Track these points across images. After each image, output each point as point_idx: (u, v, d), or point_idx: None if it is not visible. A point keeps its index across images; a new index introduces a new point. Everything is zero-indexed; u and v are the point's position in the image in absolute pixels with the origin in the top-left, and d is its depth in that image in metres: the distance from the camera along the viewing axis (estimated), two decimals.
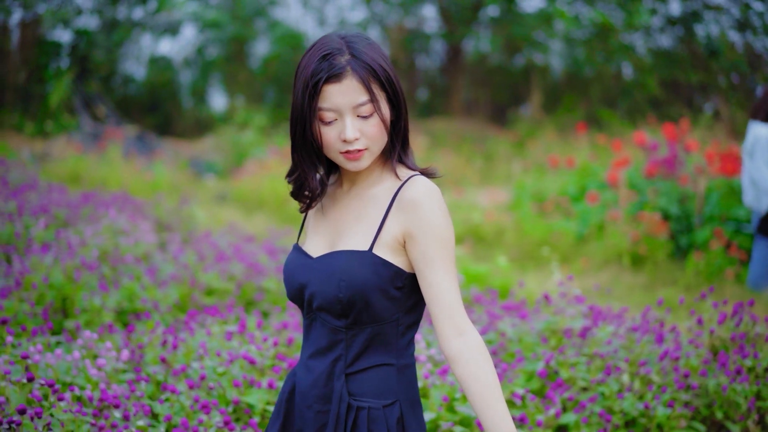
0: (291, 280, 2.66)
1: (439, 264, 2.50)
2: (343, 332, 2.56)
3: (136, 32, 23.61)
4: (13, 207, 8.77)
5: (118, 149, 16.05)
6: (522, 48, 24.01)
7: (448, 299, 2.50)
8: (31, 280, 6.43)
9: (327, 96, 2.51)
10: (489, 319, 5.34)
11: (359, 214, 2.63)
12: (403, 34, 24.68)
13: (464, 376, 2.47)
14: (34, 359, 4.06)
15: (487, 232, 11.76)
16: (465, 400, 4.26)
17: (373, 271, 2.52)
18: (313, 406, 2.62)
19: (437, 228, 2.51)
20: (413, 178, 2.58)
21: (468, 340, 2.48)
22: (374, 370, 2.58)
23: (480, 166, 17.99)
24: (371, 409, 2.55)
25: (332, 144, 2.55)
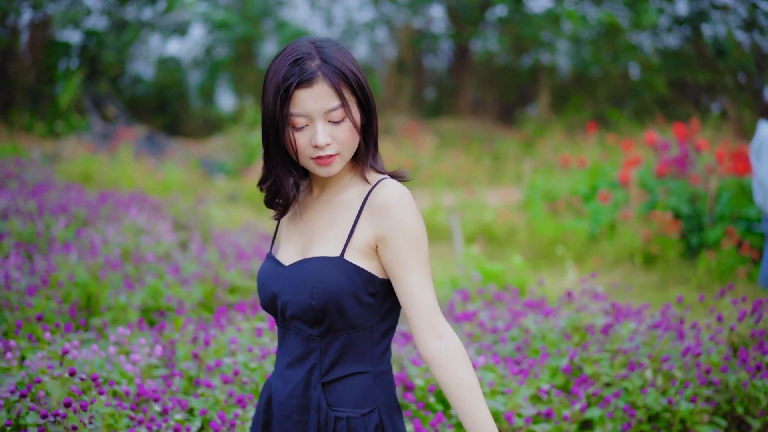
0: (264, 290, 2.64)
1: (412, 267, 2.48)
2: (317, 340, 2.54)
3: (145, 33, 23.73)
4: (33, 206, 8.87)
5: (130, 149, 16.15)
6: (529, 48, 24.09)
7: (424, 302, 2.48)
8: (57, 278, 6.53)
9: (298, 101, 2.49)
10: (511, 317, 5.43)
11: (330, 219, 2.60)
12: (410, 35, 24.77)
13: (444, 379, 2.46)
14: (72, 355, 4.15)
15: (499, 231, 11.86)
16: (493, 395, 4.35)
17: (346, 277, 2.49)
18: (291, 416, 2.60)
19: (409, 230, 2.48)
20: (383, 182, 2.55)
21: (446, 342, 2.46)
22: (350, 379, 2.55)
23: (488, 165, 18.08)
24: (350, 419, 2.54)
25: (304, 149, 2.52)
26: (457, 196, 14.35)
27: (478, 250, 8.84)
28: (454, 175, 16.74)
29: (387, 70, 25.58)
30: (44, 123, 20.52)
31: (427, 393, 4.31)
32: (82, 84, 21.29)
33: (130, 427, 3.74)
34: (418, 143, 19.10)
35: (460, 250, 9.47)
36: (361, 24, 25.19)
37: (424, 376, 4.41)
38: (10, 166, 12.54)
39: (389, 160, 17.57)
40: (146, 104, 24.23)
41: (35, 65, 22.12)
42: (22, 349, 4.66)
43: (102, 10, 22.93)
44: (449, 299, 6.91)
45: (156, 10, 23.29)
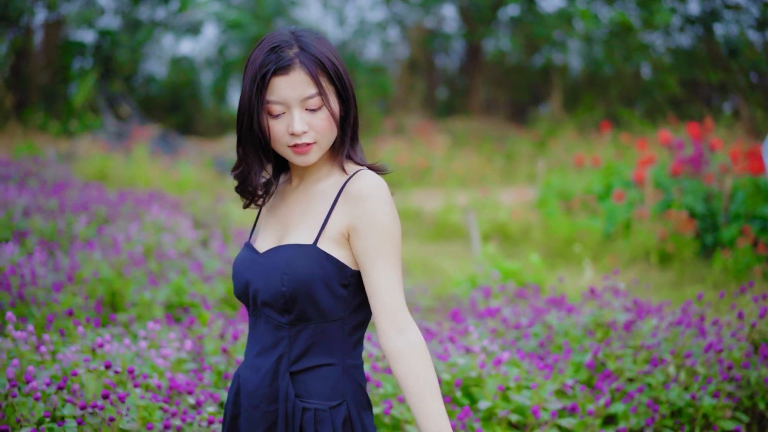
0: (238, 277, 2.64)
1: (381, 259, 2.47)
2: (286, 329, 2.53)
3: (158, 32, 23.82)
4: (54, 204, 8.96)
5: (145, 148, 16.23)
6: (541, 47, 24.13)
7: (390, 295, 2.47)
8: (82, 275, 6.61)
9: (275, 89, 2.49)
10: (534, 313, 5.49)
11: (305, 208, 2.61)
12: (422, 34, 24.83)
13: (403, 374, 2.44)
14: (105, 349, 4.22)
15: (513, 230, 11.91)
16: (519, 389, 4.41)
17: (318, 265, 2.49)
18: (259, 406, 2.59)
19: (382, 222, 2.48)
20: (360, 172, 2.55)
21: (408, 337, 2.45)
22: (319, 370, 2.54)
23: (501, 165, 18.13)
24: (317, 411, 2.53)
25: (280, 137, 2.53)
26: (470, 195, 14.41)
27: (494, 249, 8.89)
28: (466, 174, 16.80)
29: (399, 70, 25.64)
30: (58, 122, 20.63)
31: (454, 387, 4.37)
32: (96, 83, 21.39)
33: (165, 419, 3.81)
34: (431, 143, 19.15)
35: (477, 249, 9.53)
36: (373, 23, 25.24)
37: (450, 370, 4.47)
38: (29, 164, 12.65)
39: (402, 159, 17.64)
40: (159, 103, 24.33)
41: (49, 65, 22.23)
42: (54, 343, 4.72)
43: (115, 10, 23.03)
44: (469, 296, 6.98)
45: (169, 10, 23.38)
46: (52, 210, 8.85)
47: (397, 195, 10.76)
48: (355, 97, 2.60)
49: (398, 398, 4.15)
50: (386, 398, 4.23)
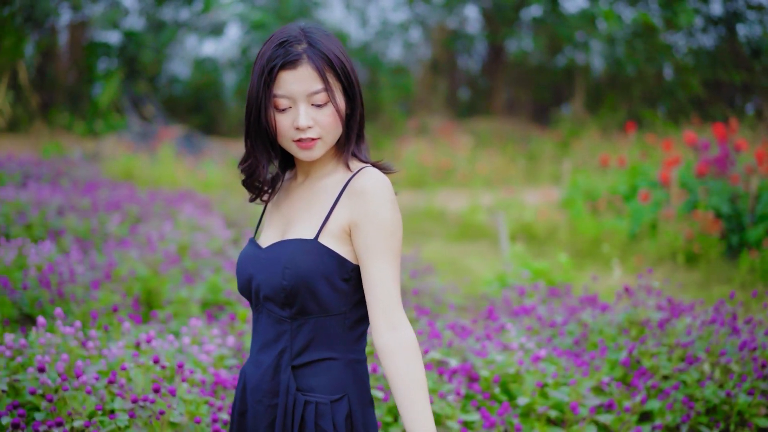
0: (241, 272, 2.65)
1: (379, 255, 2.49)
2: (288, 322, 2.55)
3: (182, 33, 23.96)
4: (87, 204, 9.07)
5: (172, 148, 16.35)
6: (563, 48, 24.14)
7: (384, 292, 2.48)
8: (119, 273, 6.71)
9: (282, 83, 2.50)
10: (568, 312, 5.54)
11: (309, 204, 2.62)
12: (445, 35, 24.87)
13: (391, 371, 2.45)
14: (153, 345, 4.31)
15: (539, 230, 11.96)
16: (556, 386, 4.47)
17: (319, 260, 2.50)
18: (262, 400, 2.61)
19: (382, 219, 2.49)
20: (364, 169, 2.56)
21: (400, 335, 2.46)
22: (320, 364, 2.56)
23: (524, 165, 18.16)
24: (319, 404, 2.54)
25: (286, 132, 2.54)
26: (494, 195, 14.46)
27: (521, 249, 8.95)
28: (490, 174, 16.85)
29: (421, 70, 25.69)
30: (83, 122, 20.80)
31: (492, 384, 4.44)
32: (121, 84, 21.55)
33: (212, 413, 3.89)
34: (454, 143, 19.20)
35: (506, 248, 9.58)
36: (396, 24, 25.30)
37: (489, 367, 4.54)
38: (60, 164, 12.77)
39: (426, 159, 17.70)
40: (183, 104, 24.46)
41: (74, 66, 22.41)
42: (98, 339, 4.81)
43: (140, 11, 23.20)
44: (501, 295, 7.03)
45: (193, 11, 23.52)
46: (84, 209, 8.96)
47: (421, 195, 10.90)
48: (362, 95, 2.61)
49: (439, 394, 4.22)
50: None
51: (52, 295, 6.23)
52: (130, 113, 21.40)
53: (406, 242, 11.82)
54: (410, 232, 12.89)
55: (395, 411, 4.33)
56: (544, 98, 25.08)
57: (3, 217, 8.35)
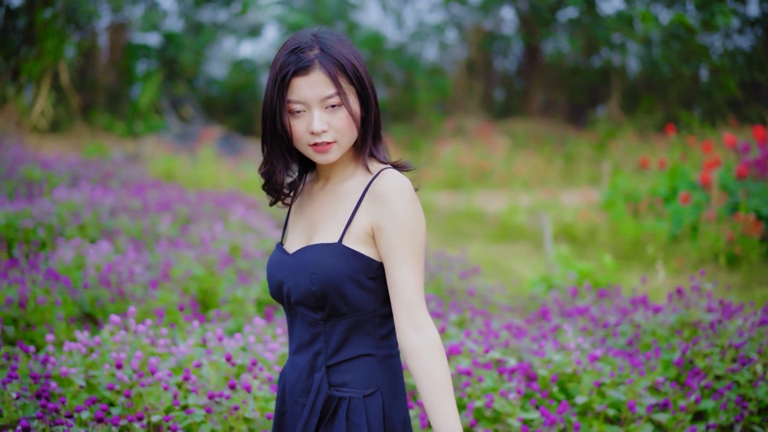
0: (271, 278, 2.70)
1: (403, 257, 2.52)
2: (321, 324, 2.60)
3: (220, 34, 24.18)
4: (138, 204, 9.25)
5: (213, 149, 16.54)
6: (600, 49, 24.14)
7: (408, 293, 2.52)
8: (175, 273, 6.88)
9: (295, 89, 2.55)
10: (620, 313, 5.64)
11: (332, 208, 2.65)
12: (481, 36, 24.94)
13: (418, 372, 2.49)
14: (223, 343, 4.45)
15: (580, 231, 12.03)
16: (613, 385, 4.57)
17: (344, 262, 2.55)
18: (298, 400, 2.66)
19: (404, 221, 2.52)
20: (384, 171, 2.60)
21: (425, 336, 2.50)
22: (355, 361, 2.60)
23: (561, 167, 18.21)
24: (352, 399, 2.58)
25: (301, 136, 2.58)
26: (532, 196, 14.54)
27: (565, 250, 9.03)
28: (527, 176, 16.92)
29: (457, 71, 25.77)
30: (123, 123, 21.06)
31: (550, 383, 4.55)
32: (161, 85, 21.79)
33: None
34: (491, 144, 19.28)
35: (550, 250, 9.67)
36: (432, 26, 25.40)
37: (546, 366, 4.65)
38: (107, 165, 12.99)
39: (464, 160, 17.79)
40: (220, 105, 24.67)
41: (114, 67, 22.69)
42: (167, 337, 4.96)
43: (179, 13, 23.44)
44: (549, 296, 7.13)
45: (231, 13, 23.73)
46: (135, 210, 9.14)
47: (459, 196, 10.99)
48: (376, 97, 2.65)
49: (500, 392, 4.34)
50: (487, 392, 4.42)
51: (113, 294, 6.39)
52: (169, 114, 21.66)
53: (447, 243, 11.93)
54: (450, 232, 13.00)
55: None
56: (579, 99, 25.09)
57: (57, 217, 8.53)
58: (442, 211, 14.40)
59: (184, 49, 23.04)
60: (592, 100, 24.88)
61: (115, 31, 22.84)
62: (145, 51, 23.26)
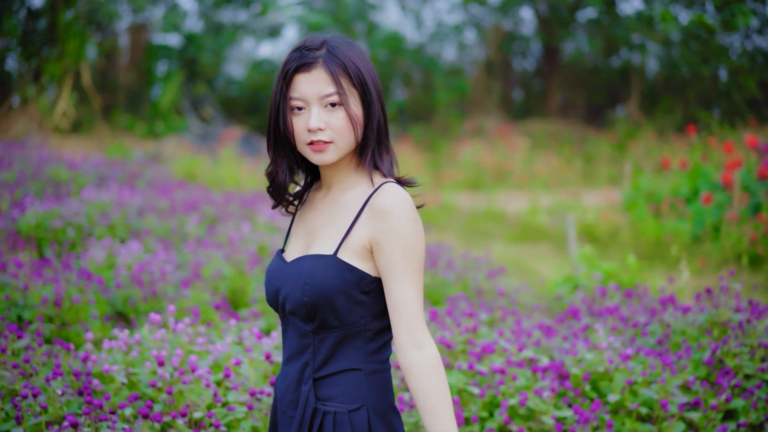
0: (269, 285, 2.68)
1: (402, 274, 2.50)
2: (310, 336, 2.57)
3: (239, 35, 24.29)
4: (165, 205, 9.34)
5: (234, 150, 16.64)
6: (618, 49, 24.15)
7: (408, 310, 2.50)
8: (205, 273, 6.96)
9: (296, 85, 2.55)
10: (649, 312, 5.69)
11: (331, 218, 2.63)
12: (500, 36, 24.98)
13: (417, 389, 2.48)
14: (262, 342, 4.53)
15: (601, 232, 12.07)
16: (645, 384, 4.63)
17: (337, 275, 2.52)
18: (287, 411, 2.65)
19: (404, 237, 2.50)
20: (385, 185, 2.57)
21: (424, 353, 2.48)
22: (342, 375, 2.58)
23: (581, 167, 18.25)
24: (337, 414, 2.56)
25: (300, 134, 2.57)
26: (553, 197, 14.59)
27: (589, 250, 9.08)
28: (547, 176, 16.96)
29: (475, 72, 25.82)
30: (144, 123, 21.19)
31: (582, 381, 4.61)
32: (181, 86, 21.92)
33: None
34: (511, 145, 19.33)
35: (574, 250, 9.72)
36: (451, 26, 25.45)
37: (578, 365, 4.71)
38: (131, 165, 13.10)
39: (484, 160, 17.85)
40: (239, 105, 24.77)
41: (134, 68, 22.84)
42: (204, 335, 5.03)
43: (199, 14, 23.57)
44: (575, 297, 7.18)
45: (251, 13, 23.84)
46: (163, 210, 9.23)
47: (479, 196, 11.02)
48: (383, 106, 2.63)
49: (534, 390, 4.40)
50: (521, 390, 4.48)
51: (145, 293, 6.48)
52: (190, 115, 21.78)
53: (469, 243, 11.99)
54: (471, 233, 13.06)
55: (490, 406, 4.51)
56: (598, 100, 25.10)
57: (86, 217, 8.63)
58: (463, 212, 14.46)
59: (205, 49, 23.16)
60: (610, 100, 24.89)
61: (136, 32, 22.99)
62: (166, 52, 23.41)
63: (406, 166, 16.18)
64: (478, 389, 4.46)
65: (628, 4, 22.95)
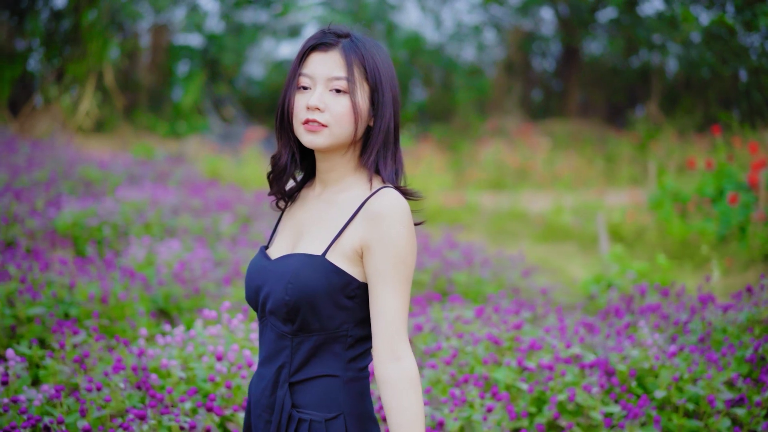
0: (249, 283, 2.62)
1: (389, 282, 2.43)
2: (289, 338, 2.50)
3: (260, 35, 24.41)
4: (199, 204, 9.44)
5: (257, 150, 16.74)
6: (638, 50, 24.17)
7: (390, 320, 2.43)
8: (245, 270, 7.05)
9: (309, 62, 2.52)
10: (690, 310, 5.76)
11: (322, 218, 2.57)
12: (520, 37, 25.04)
13: (390, 403, 2.41)
14: None
15: (627, 231, 12.12)
16: (689, 381, 4.70)
17: (323, 277, 2.45)
18: (262, 415, 2.58)
19: (396, 245, 2.43)
20: (383, 190, 2.50)
21: (402, 367, 2.42)
22: (318, 381, 2.51)
23: (602, 167, 18.28)
24: (312, 422, 2.49)
25: (298, 111, 2.52)
26: (575, 197, 14.64)
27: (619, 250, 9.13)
28: (569, 176, 17.01)
29: (495, 72, 25.88)
30: (166, 123, 21.33)
31: (628, 377, 4.68)
32: (203, 86, 22.06)
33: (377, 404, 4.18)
34: (533, 145, 19.38)
35: (605, 249, 9.79)
36: (470, 26, 25.52)
37: (624, 362, 4.78)
38: (162, 165, 13.21)
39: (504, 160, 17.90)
40: (259, 105, 24.88)
41: (156, 68, 22.99)
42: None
43: (220, 14, 23.70)
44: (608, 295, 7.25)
45: (271, 13, 23.96)
46: (196, 209, 9.33)
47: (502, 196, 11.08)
48: (396, 115, 2.58)
49: (583, 386, 4.47)
50: (569, 386, 4.55)
51: (187, 290, 6.58)
52: (211, 114, 21.90)
53: (494, 243, 12.06)
54: (496, 233, 13.12)
55: (538, 402, 4.59)
56: (617, 100, 25.13)
57: (122, 216, 8.74)
58: (487, 211, 14.51)
59: (226, 49, 23.29)
60: (630, 100, 24.91)
61: (157, 33, 23.14)
62: (187, 52, 23.54)
63: (428, 166, 16.27)
64: (526, 385, 4.54)
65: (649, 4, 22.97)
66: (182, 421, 3.86)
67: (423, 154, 17.87)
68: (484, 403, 4.29)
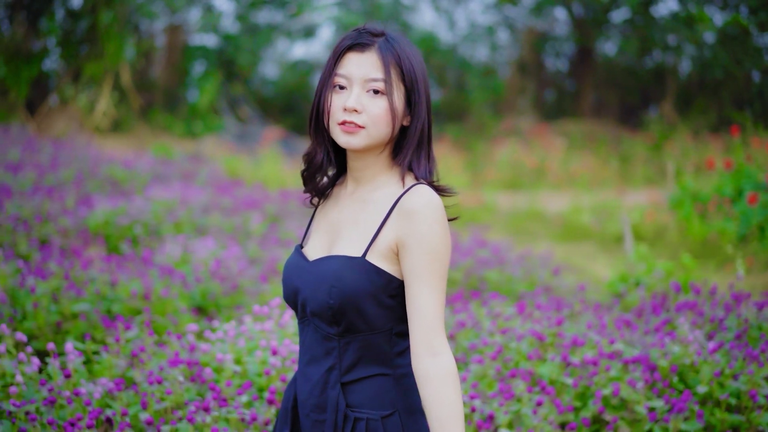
0: (287, 283, 2.62)
1: (425, 279, 2.44)
2: (335, 340, 2.51)
3: (274, 35, 24.51)
4: (228, 203, 9.55)
5: (275, 150, 16.84)
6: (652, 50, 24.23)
7: (427, 316, 2.44)
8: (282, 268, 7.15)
9: (345, 62, 2.52)
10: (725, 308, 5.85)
11: (358, 217, 2.57)
12: (533, 37, 25.11)
13: (429, 399, 2.41)
14: None
15: (647, 231, 12.19)
16: (728, 377, 4.79)
17: (366, 278, 2.46)
18: (310, 415, 2.58)
19: (430, 242, 2.44)
20: (416, 187, 2.52)
21: (440, 362, 2.43)
22: (370, 380, 2.53)
23: (617, 167, 18.35)
24: (369, 421, 2.50)
25: (335, 112, 2.52)
26: (592, 197, 14.71)
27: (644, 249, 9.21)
28: (584, 176, 17.08)
29: (509, 72, 25.95)
30: (182, 123, 21.44)
31: (670, 372, 4.77)
32: (219, 86, 22.17)
33: None
34: (548, 145, 19.45)
35: (630, 248, 9.87)
36: (484, 27, 25.59)
37: (665, 357, 4.87)
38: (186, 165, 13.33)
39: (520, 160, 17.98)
40: (274, 105, 24.97)
41: (171, 68, 23.11)
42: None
43: (236, 15, 23.81)
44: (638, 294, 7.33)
45: (286, 14, 24.06)
46: (225, 208, 9.44)
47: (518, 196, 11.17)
48: (429, 113, 2.60)
49: (627, 381, 4.56)
50: (612, 381, 4.64)
51: (225, 287, 6.68)
52: (227, 114, 22.02)
53: (516, 241, 12.14)
54: (515, 232, 13.20)
55: (582, 397, 4.68)
56: (631, 100, 25.19)
57: (153, 214, 8.84)
58: (504, 211, 14.60)
59: (241, 50, 23.40)
60: (643, 100, 24.97)
61: (173, 33, 23.25)
62: (203, 52, 23.65)
63: (445, 166, 16.35)
64: (571, 380, 4.63)
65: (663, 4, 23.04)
66: (243, 413, 3.96)
67: (439, 154, 17.93)
68: (533, 398, 4.39)
